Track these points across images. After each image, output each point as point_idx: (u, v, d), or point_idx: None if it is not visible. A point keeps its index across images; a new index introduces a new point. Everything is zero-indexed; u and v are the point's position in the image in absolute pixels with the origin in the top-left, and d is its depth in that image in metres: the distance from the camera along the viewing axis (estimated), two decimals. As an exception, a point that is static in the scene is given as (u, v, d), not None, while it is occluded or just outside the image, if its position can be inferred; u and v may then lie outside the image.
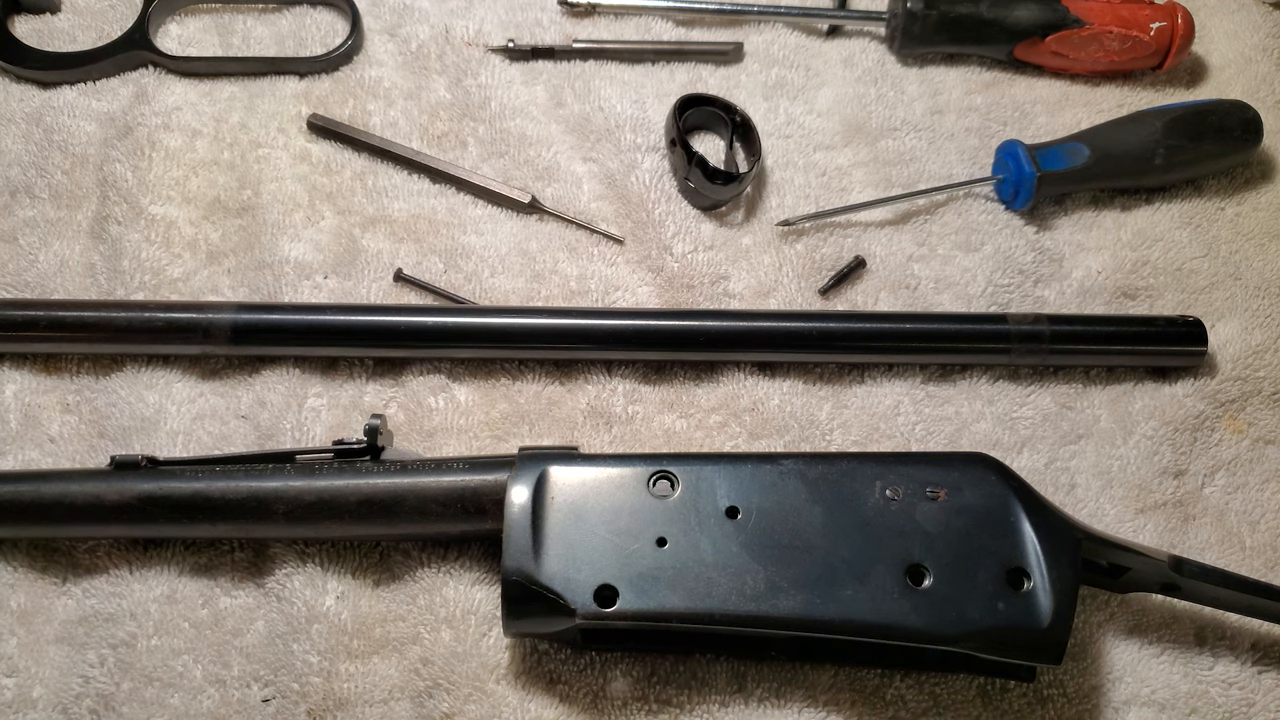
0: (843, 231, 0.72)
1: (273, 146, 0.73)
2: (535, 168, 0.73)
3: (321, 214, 0.71)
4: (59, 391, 0.63)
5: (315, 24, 0.78)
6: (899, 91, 0.79)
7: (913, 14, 0.78)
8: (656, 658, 0.56)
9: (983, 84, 0.80)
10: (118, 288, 0.66)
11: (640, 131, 0.75)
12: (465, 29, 0.78)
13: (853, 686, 0.56)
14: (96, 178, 0.70)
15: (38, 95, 0.74)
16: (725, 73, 0.79)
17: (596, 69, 0.78)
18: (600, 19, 0.80)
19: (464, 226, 0.71)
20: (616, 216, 0.72)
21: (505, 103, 0.76)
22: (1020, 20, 0.78)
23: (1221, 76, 0.82)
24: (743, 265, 0.71)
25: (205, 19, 0.79)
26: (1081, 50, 0.78)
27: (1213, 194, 0.76)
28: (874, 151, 0.76)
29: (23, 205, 0.69)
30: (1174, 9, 0.79)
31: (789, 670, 0.57)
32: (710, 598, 0.51)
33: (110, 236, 0.68)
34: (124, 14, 0.77)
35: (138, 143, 0.71)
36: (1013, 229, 0.73)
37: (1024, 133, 0.78)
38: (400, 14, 0.79)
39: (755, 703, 0.56)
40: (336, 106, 0.75)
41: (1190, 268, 0.73)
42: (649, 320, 0.65)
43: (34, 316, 0.62)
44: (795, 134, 0.77)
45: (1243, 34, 0.84)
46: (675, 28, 0.81)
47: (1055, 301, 0.71)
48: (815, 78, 0.80)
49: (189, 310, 0.63)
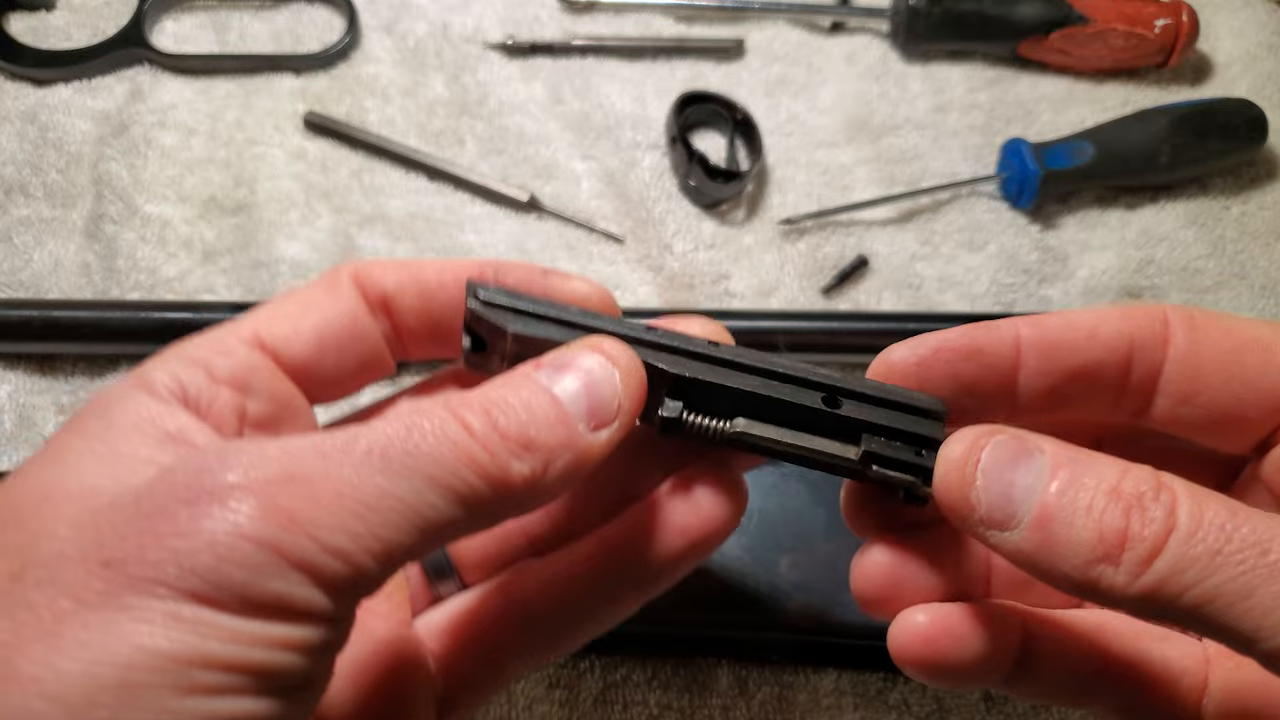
0: (845, 230, 0.72)
1: (269, 144, 0.72)
2: (534, 165, 0.73)
3: (318, 212, 0.70)
4: (53, 392, 0.63)
5: (312, 20, 0.78)
6: (902, 89, 0.79)
7: (916, 11, 0.77)
8: (657, 661, 0.56)
9: (986, 81, 0.80)
10: (113, 287, 0.66)
11: (640, 129, 0.74)
12: (463, 25, 0.78)
13: (856, 690, 0.56)
14: (91, 176, 0.70)
15: (32, 93, 0.73)
16: (726, 69, 0.79)
17: (596, 65, 0.78)
18: (600, 15, 0.80)
19: (462, 224, 0.70)
20: (616, 215, 0.71)
21: (504, 99, 0.75)
22: (1024, 17, 0.77)
23: (1227, 74, 0.82)
24: (744, 264, 0.70)
25: (201, 16, 0.78)
26: (1086, 47, 0.78)
27: (1218, 192, 0.76)
28: (877, 149, 0.76)
29: (17, 204, 0.69)
30: (1179, 6, 0.78)
31: (791, 674, 0.56)
32: (711, 600, 0.50)
33: (105, 235, 0.67)
34: (119, 11, 0.76)
35: (133, 141, 0.71)
36: (1017, 227, 0.72)
37: (1028, 130, 0.77)
38: (398, 10, 0.78)
39: (757, 706, 0.55)
40: (333, 104, 0.74)
41: (1196, 267, 0.72)
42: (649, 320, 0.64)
43: (28, 316, 0.61)
44: (797, 131, 0.76)
45: (1248, 31, 0.83)
46: (676, 24, 0.80)
47: (1060, 300, 0.70)
48: (817, 75, 0.79)
49: (184, 310, 0.62)
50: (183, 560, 0.22)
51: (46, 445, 0.28)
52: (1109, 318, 0.31)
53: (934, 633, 0.31)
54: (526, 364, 0.29)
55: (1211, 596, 0.24)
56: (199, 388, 0.30)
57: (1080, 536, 0.26)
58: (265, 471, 0.24)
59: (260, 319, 0.32)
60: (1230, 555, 0.24)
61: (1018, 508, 0.27)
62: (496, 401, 0.27)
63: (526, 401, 0.28)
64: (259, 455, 0.24)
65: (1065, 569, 0.26)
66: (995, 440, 0.28)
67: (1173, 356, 0.31)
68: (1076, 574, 0.26)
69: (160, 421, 0.28)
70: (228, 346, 0.31)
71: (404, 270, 0.34)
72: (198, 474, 0.24)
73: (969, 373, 0.32)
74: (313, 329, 0.33)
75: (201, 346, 0.31)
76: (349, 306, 0.34)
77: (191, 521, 0.23)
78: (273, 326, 0.32)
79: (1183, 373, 0.31)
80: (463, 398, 0.27)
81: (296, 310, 0.33)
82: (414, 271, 0.34)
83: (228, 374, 0.31)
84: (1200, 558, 0.25)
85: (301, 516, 0.23)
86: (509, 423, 0.27)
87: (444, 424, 0.26)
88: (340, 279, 0.34)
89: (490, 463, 0.26)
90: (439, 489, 0.25)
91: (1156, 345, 0.31)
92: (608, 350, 0.30)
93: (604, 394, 0.29)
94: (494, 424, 0.27)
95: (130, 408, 0.28)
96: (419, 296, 0.34)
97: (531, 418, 0.27)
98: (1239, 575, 0.24)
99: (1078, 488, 0.26)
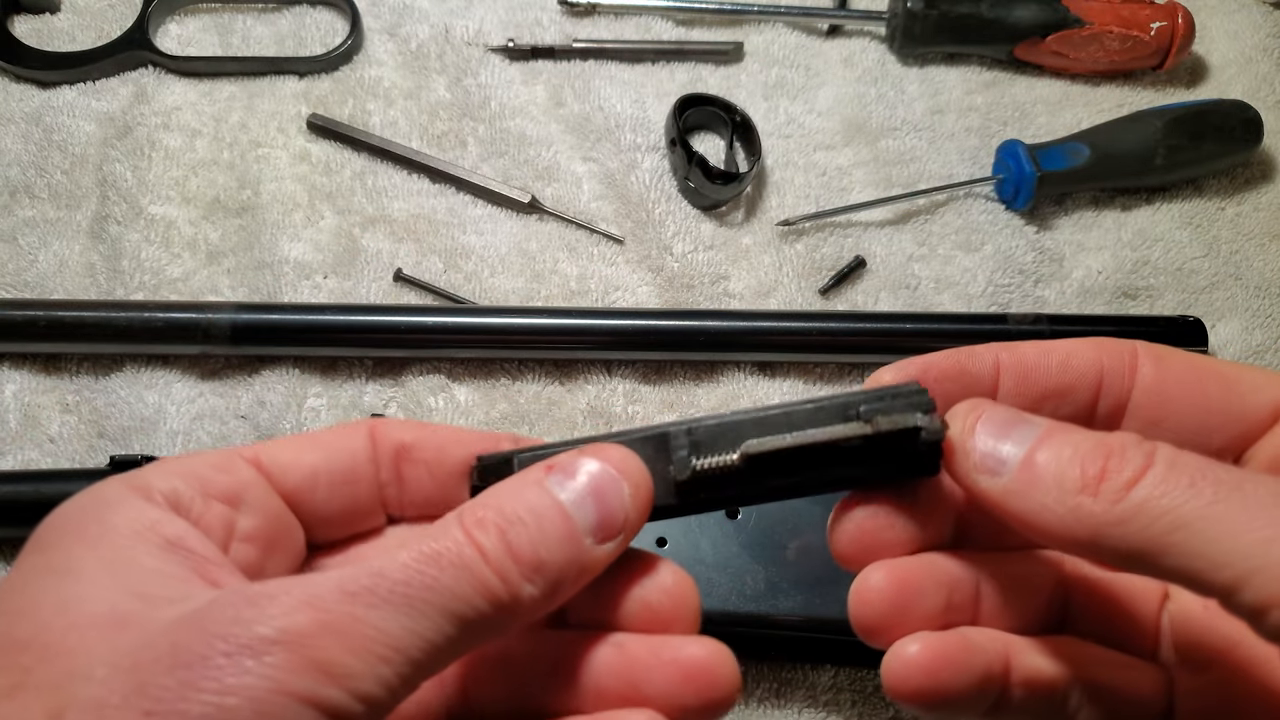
0: (843, 231, 0.72)
1: (272, 146, 0.73)
2: (535, 167, 0.73)
3: (321, 214, 0.71)
4: (58, 392, 0.63)
5: (315, 23, 0.78)
6: (899, 91, 0.79)
7: (913, 14, 0.78)
8: (656, 658, 0.56)
9: (983, 84, 0.80)
10: (117, 288, 0.66)
11: (640, 131, 0.75)
12: (465, 29, 0.78)
13: (853, 687, 0.56)
14: (96, 178, 0.70)
15: (37, 95, 0.73)
16: (725, 72, 0.79)
17: (596, 69, 0.78)
18: (600, 18, 0.80)
19: (464, 226, 0.71)
20: (616, 216, 0.72)
21: (505, 102, 0.75)
22: (1021, 20, 0.78)
23: (1222, 76, 0.82)
24: (743, 265, 0.71)
25: (205, 18, 0.78)
26: (1082, 50, 0.78)
27: (1213, 194, 0.76)
28: (874, 151, 0.76)
29: (22, 205, 0.69)
30: (1174, 9, 0.78)
31: (789, 670, 0.56)
32: (710, 598, 0.51)
33: (110, 236, 0.68)
34: (124, 13, 0.77)
35: (137, 142, 0.71)
36: (1013, 229, 0.73)
37: (1024, 132, 0.77)
38: (400, 13, 0.79)
39: (755, 703, 0.56)
40: (336, 106, 0.75)
41: (1191, 268, 0.73)
42: (649, 320, 0.65)
43: (33, 317, 0.62)
44: (795, 134, 0.77)
45: (1243, 34, 0.83)
46: (675, 27, 0.81)
47: (1056, 301, 0.71)
48: (815, 77, 0.80)
49: (188, 310, 0.63)
50: (224, 715, 0.23)
51: (48, 551, 0.28)
52: (1081, 348, 0.33)
53: (932, 661, 0.31)
54: (538, 467, 0.30)
55: (1185, 521, 0.25)
56: (191, 498, 0.30)
57: (1064, 472, 0.28)
58: (297, 621, 0.25)
59: (269, 444, 0.33)
60: (1204, 485, 0.26)
61: (1007, 456, 0.29)
62: (509, 517, 0.28)
63: (538, 515, 0.28)
64: (289, 603, 0.25)
65: (1047, 503, 0.28)
66: (994, 405, 0.31)
67: (1140, 385, 0.33)
68: (1057, 506, 0.27)
69: (159, 528, 0.28)
70: (228, 464, 0.32)
71: (422, 429, 0.35)
72: (232, 625, 0.24)
73: (953, 392, 0.33)
74: (312, 463, 0.33)
75: (202, 462, 0.32)
76: (353, 448, 0.34)
77: (231, 676, 0.24)
78: (276, 453, 0.33)
79: (1150, 400, 0.33)
80: (476, 514, 0.28)
81: (306, 444, 0.34)
82: (431, 433, 0.35)
83: (222, 490, 0.31)
84: (1175, 487, 0.26)
85: (335, 669, 0.24)
86: (521, 543, 0.27)
87: (460, 551, 0.27)
88: (359, 427, 0.35)
89: (503, 590, 0.27)
90: (454, 620, 0.26)
91: (1125, 373, 0.33)
92: (617, 461, 0.30)
93: (613, 506, 0.29)
94: (507, 547, 0.27)
95: (127, 513, 0.29)
96: (436, 451, 0.34)
97: (542, 535, 0.28)
98: (1214, 502, 0.25)
99: (1064, 439, 0.29)
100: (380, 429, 0.35)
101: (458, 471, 0.34)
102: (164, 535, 0.28)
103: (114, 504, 0.29)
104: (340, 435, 0.34)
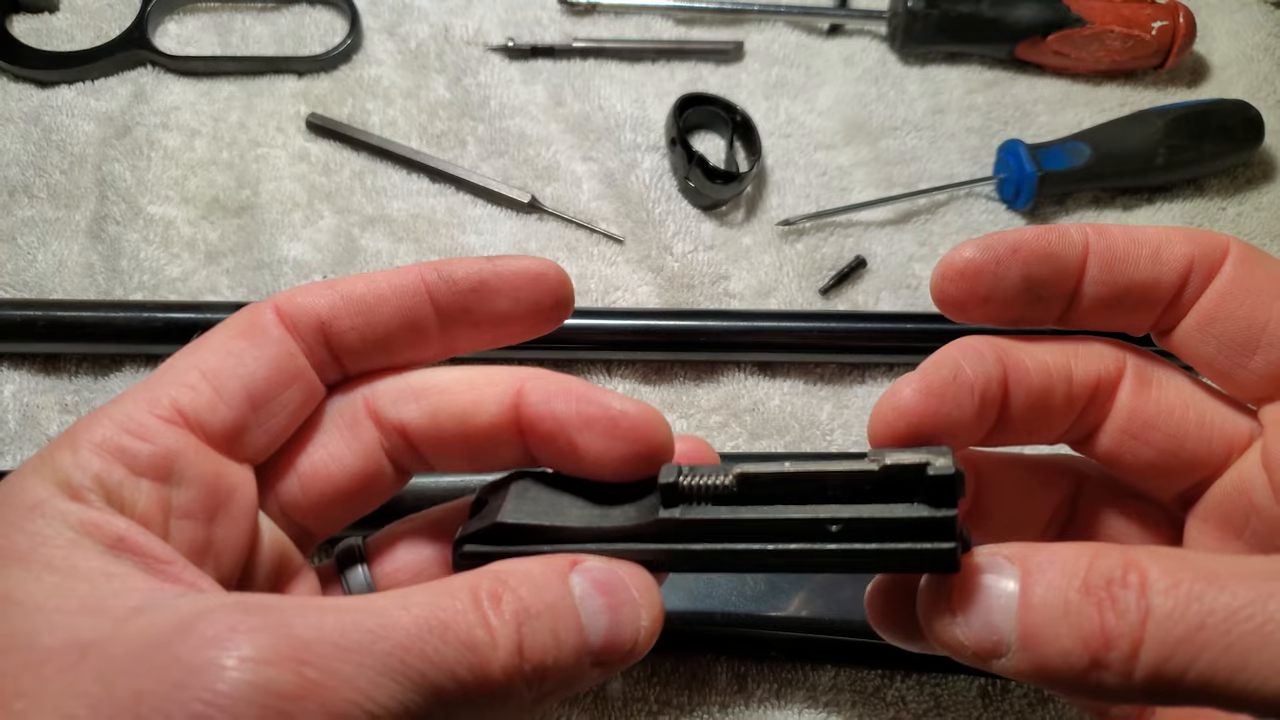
0: (843, 231, 0.72)
1: (271, 146, 0.73)
2: (535, 167, 0.73)
3: (320, 213, 0.70)
4: (57, 392, 0.63)
5: (314, 23, 0.78)
6: (900, 91, 0.79)
7: (914, 13, 0.78)
8: (656, 658, 0.56)
9: (984, 83, 0.80)
10: (116, 287, 0.66)
11: (640, 130, 0.75)
12: (464, 28, 0.78)
13: (853, 687, 0.56)
14: (95, 177, 0.70)
15: (36, 95, 0.73)
16: (726, 72, 0.79)
17: (596, 68, 0.78)
18: (600, 17, 0.80)
19: (463, 226, 0.71)
20: (616, 216, 0.72)
21: (505, 102, 0.75)
22: (1021, 19, 0.78)
23: (1223, 76, 0.82)
24: (743, 265, 0.70)
25: (204, 18, 0.78)
26: (1083, 49, 0.78)
27: (1214, 194, 0.76)
28: (875, 151, 0.76)
29: (21, 205, 0.69)
30: (1176, 8, 0.78)
31: (789, 670, 0.56)
32: (710, 598, 0.50)
33: (109, 236, 0.68)
34: (122, 13, 0.77)
35: (136, 142, 0.71)
36: (1014, 229, 0.73)
37: (1025, 132, 0.77)
38: (399, 13, 0.79)
39: (755, 703, 0.56)
40: (335, 105, 0.75)
41: (1192, 267, 0.73)
42: (649, 320, 0.65)
43: (32, 317, 0.62)
44: (796, 133, 0.76)
45: (1244, 33, 0.83)
46: (675, 26, 0.81)
47: (1056, 301, 0.71)
48: (816, 77, 0.79)
49: (188, 310, 0.63)
50: None
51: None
52: (1175, 239, 0.31)
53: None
54: (563, 559, 0.28)
55: (1209, 675, 0.23)
56: (119, 482, 0.27)
57: (1066, 646, 0.25)
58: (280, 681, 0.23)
59: (179, 385, 0.29)
60: (1214, 629, 0.23)
61: (1003, 633, 0.26)
62: (530, 609, 0.26)
63: (556, 615, 0.26)
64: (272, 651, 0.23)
65: (1066, 681, 0.25)
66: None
67: (1215, 286, 0.31)
68: (1078, 684, 0.25)
69: (98, 530, 0.26)
70: (145, 428, 0.28)
71: (333, 291, 0.31)
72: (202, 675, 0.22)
73: (1041, 274, 0.32)
74: (240, 389, 0.29)
75: (115, 427, 0.27)
76: (277, 351, 0.30)
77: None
78: (194, 397, 0.29)
79: (1215, 303, 0.31)
80: (493, 590, 0.26)
81: (218, 366, 0.29)
82: (344, 290, 0.31)
83: (148, 464, 0.27)
84: (1184, 639, 0.24)
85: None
86: (533, 644, 0.26)
87: (470, 629, 0.25)
88: (263, 318, 0.31)
89: (502, 686, 0.25)
90: (438, 696, 0.24)
91: (1208, 274, 0.31)
92: (643, 589, 0.28)
93: (623, 636, 0.28)
94: (519, 644, 0.26)
95: (59, 517, 0.25)
96: (358, 315, 0.31)
97: (556, 642, 0.26)
98: (1228, 649, 0.23)
99: (1048, 589, 0.25)
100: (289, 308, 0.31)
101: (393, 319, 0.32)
102: (106, 535, 0.26)
103: (37, 507, 0.26)
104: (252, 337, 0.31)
